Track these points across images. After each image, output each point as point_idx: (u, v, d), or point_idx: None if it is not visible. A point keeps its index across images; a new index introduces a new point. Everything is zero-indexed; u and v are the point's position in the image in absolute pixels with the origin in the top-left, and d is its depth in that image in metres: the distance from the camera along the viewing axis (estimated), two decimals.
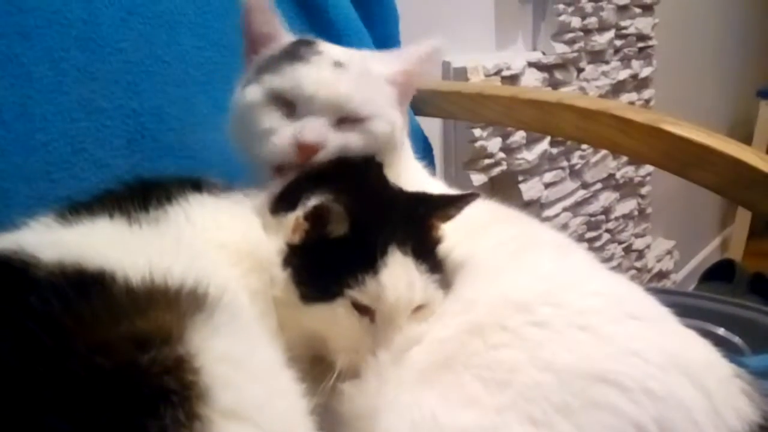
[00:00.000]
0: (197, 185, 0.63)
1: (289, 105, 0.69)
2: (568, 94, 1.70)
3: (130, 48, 0.81)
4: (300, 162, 0.66)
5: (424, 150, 1.08)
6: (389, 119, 0.72)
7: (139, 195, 0.58)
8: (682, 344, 0.60)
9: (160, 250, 0.53)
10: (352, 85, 0.69)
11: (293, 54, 0.71)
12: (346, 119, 0.69)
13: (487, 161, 1.65)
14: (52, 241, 0.51)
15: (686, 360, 0.57)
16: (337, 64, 0.71)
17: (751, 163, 0.78)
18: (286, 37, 0.76)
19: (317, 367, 0.60)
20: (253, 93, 0.70)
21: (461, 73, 1.56)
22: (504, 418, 0.53)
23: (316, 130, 0.67)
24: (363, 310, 0.60)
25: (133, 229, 0.55)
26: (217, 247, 0.59)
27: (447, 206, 0.67)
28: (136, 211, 0.56)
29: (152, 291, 0.45)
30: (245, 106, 0.70)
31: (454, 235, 0.69)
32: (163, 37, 0.84)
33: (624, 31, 2.16)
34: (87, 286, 0.44)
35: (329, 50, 0.73)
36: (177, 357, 0.40)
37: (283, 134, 0.67)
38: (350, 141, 0.68)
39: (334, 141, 0.67)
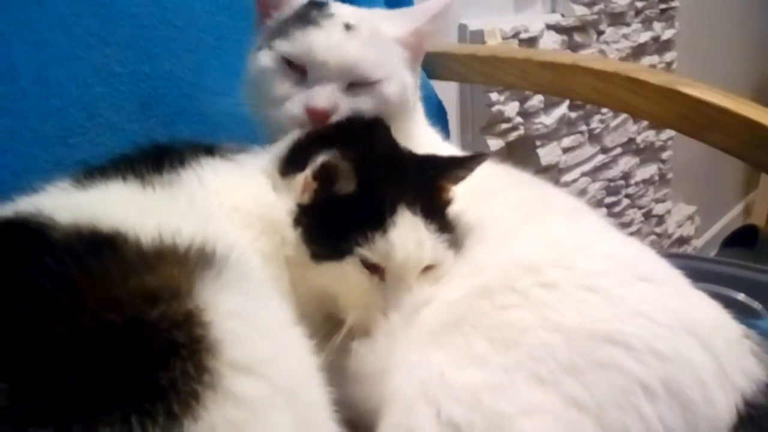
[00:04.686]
0: (210, 150, 0.64)
1: (300, 70, 0.69)
2: (583, 56, 1.67)
3: (142, 13, 0.81)
4: (313, 128, 0.67)
5: (438, 114, 1.08)
6: (400, 81, 0.72)
7: (153, 159, 0.59)
8: (691, 306, 0.60)
9: (173, 211, 0.54)
10: (363, 48, 0.69)
11: (304, 18, 0.71)
12: (357, 83, 0.69)
13: (504, 126, 1.64)
14: (67, 204, 0.52)
15: (694, 321, 0.57)
16: (348, 27, 0.70)
17: (767, 124, 0.77)
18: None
19: (327, 323, 0.61)
20: (265, 58, 0.70)
21: (478, 36, 1.54)
22: (511, 376, 0.54)
23: (327, 96, 0.67)
24: (373, 268, 0.61)
25: (146, 192, 0.56)
26: (229, 210, 0.60)
27: (456, 167, 0.67)
28: (150, 174, 0.57)
29: (162, 249, 0.46)
30: (258, 71, 0.71)
31: (466, 198, 0.70)
32: (174, 2, 0.84)
33: None
34: (100, 247, 0.45)
35: (340, 12, 0.73)
36: (186, 311, 0.41)
37: (296, 101, 0.68)
38: (361, 105, 0.69)
39: (345, 106, 0.68)
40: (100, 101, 0.75)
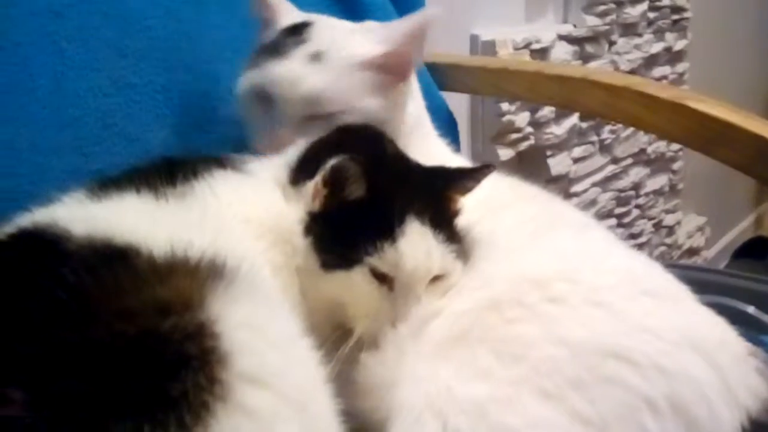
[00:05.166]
0: (222, 161, 0.65)
1: (267, 100, 0.72)
2: (593, 69, 1.68)
3: (158, 25, 0.82)
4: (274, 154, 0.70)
5: (448, 125, 1.08)
6: (362, 110, 0.72)
7: (167, 171, 0.60)
8: (697, 322, 0.61)
9: (186, 223, 0.55)
10: (323, 81, 0.71)
11: (276, 46, 0.74)
12: (316, 116, 0.71)
13: (514, 135, 1.65)
14: (83, 216, 0.53)
15: (700, 337, 0.57)
16: (315, 56, 0.72)
17: None
18: (288, 18, 0.78)
19: (337, 332, 0.62)
20: (241, 85, 0.74)
21: (489, 47, 1.55)
22: (517, 390, 0.54)
23: (286, 130, 0.71)
24: (382, 278, 0.61)
25: (159, 204, 0.57)
26: (241, 222, 0.60)
27: (464, 178, 0.68)
28: (163, 186, 0.58)
29: (174, 261, 0.46)
30: (237, 96, 0.75)
31: (476, 211, 0.70)
32: (190, 14, 0.85)
33: (658, 3, 2.12)
34: (113, 259, 0.46)
35: (315, 36, 0.74)
36: (198, 323, 0.42)
37: (261, 128, 0.73)
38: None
39: (303, 138, 0.69)
40: (117, 112, 0.76)
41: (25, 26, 0.71)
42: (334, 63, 0.72)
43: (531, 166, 1.75)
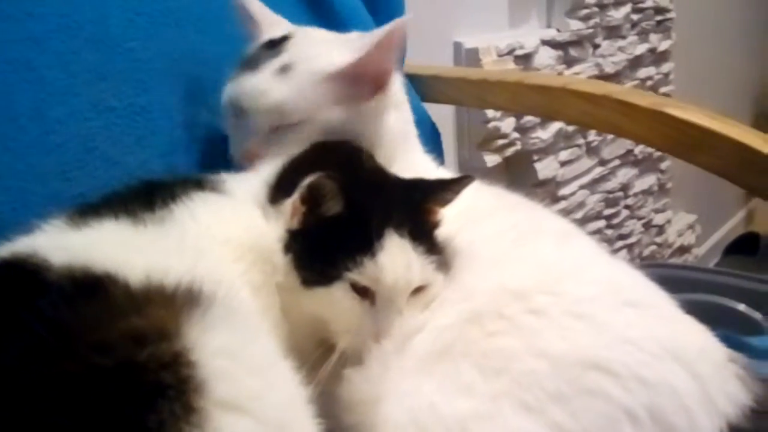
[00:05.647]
0: (200, 183, 0.65)
1: (241, 112, 0.75)
2: (573, 78, 1.68)
3: (138, 47, 0.82)
4: (247, 167, 0.74)
5: (431, 137, 1.09)
6: (326, 120, 0.74)
7: (145, 195, 0.61)
8: (677, 331, 0.61)
9: (164, 249, 0.55)
10: (286, 92, 0.73)
11: (254, 59, 0.77)
12: (282, 126, 0.74)
13: (500, 141, 1.66)
14: (62, 244, 0.53)
15: (680, 347, 0.58)
16: (283, 69, 0.74)
17: (754, 146, 0.78)
18: (273, 31, 0.80)
19: (320, 349, 0.62)
20: (222, 99, 0.77)
21: (473, 54, 1.56)
22: (498, 405, 0.55)
23: (254, 140, 0.74)
24: (363, 292, 0.62)
25: (138, 230, 0.57)
26: (220, 244, 0.61)
27: (442, 190, 0.69)
28: (142, 211, 0.59)
29: (150, 290, 0.47)
30: (222, 109, 0.77)
31: (456, 222, 0.71)
32: (170, 35, 0.86)
33: (641, 5, 2.13)
34: (92, 289, 0.46)
35: (290, 49, 0.77)
36: (173, 352, 0.42)
37: (236, 140, 0.76)
38: (285, 146, 0.72)
39: (270, 151, 0.73)
40: (98, 135, 0.76)
41: (4, 55, 0.71)
42: (300, 75, 0.74)
43: (518, 171, 1.76)
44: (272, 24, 0.82)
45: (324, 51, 0.76)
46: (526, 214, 0.78)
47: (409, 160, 0.80)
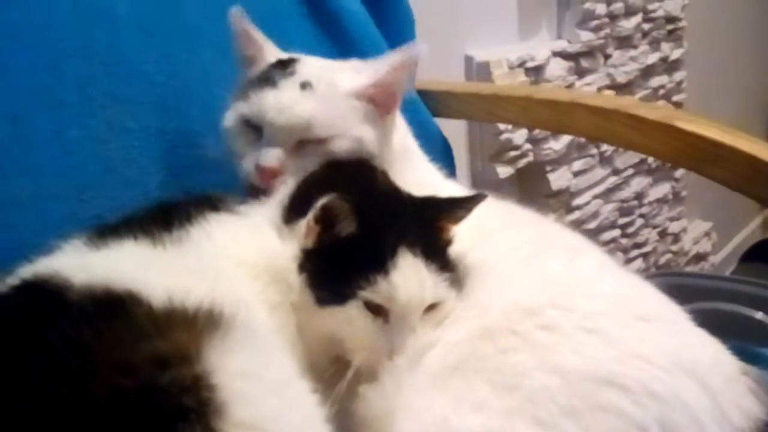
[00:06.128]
0: (215, 204, 0.66)
1: (257, 129, 0.74)
2: (583, 93, 1.69)
3: (153, 69, 0.84)
4: (263, 185, 0.72)
5: (443, 152, 1.10)
6: (353, 136, 0.74)
7: (163, 216, 0.62)
8: (689, 345, 0.61)
9: (183, 270, 0.56)
10: (314, 107, 0.73)
11: (265, 78, 0.76)
12: (307, 141, 0.73)
13: (513, 153, 1.66)
14: (83, 264, 0.54)
15: (691, 360, 0.58)
16: (304, 86, 0.74)
17: (766, 159, 0.78)
18: (272, 56, 0.80)
19: (335, 366, 0.63)
20: (228, 118, 0.76)
21: (484, 68, 1.57)
22: (511, 420, 0.55)
23: (275, 156, 0.72)
24: (376, 310, 0.63)
25: (157, 250, 0.59)
26: (237, 264, 0.62)
27: (455, 208, 0.70)
28: (160, 231, 0.60)
29: (172, 313, 0.48)
30: (223, 130, 0.76)
31: (468, 239, 0.71)
32: (183, 57, 0.87)
33: (652, 14, 2.12)
34: (113, 310, 0.47)
35: (303, 69, 0.76)
36: (194, 375, 0.43)
37: (249, 159, 0.73)
38: (309, 162, 0.72)
39: (291, 167, 0.72)
40: (115, 157, 0.78)
41: (24, 84, 0.73)
42: (323, 91, 0.74)
43: (531, 182, 1.76)
44: (271, 49, 0.82)
45: (339, 73, 0.77)
46: (536, 230, 0.78)
47: (415, 173, 0.81)
